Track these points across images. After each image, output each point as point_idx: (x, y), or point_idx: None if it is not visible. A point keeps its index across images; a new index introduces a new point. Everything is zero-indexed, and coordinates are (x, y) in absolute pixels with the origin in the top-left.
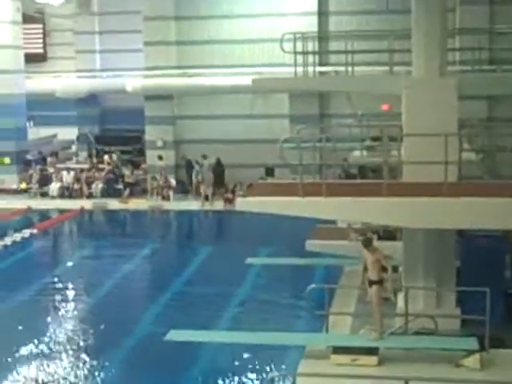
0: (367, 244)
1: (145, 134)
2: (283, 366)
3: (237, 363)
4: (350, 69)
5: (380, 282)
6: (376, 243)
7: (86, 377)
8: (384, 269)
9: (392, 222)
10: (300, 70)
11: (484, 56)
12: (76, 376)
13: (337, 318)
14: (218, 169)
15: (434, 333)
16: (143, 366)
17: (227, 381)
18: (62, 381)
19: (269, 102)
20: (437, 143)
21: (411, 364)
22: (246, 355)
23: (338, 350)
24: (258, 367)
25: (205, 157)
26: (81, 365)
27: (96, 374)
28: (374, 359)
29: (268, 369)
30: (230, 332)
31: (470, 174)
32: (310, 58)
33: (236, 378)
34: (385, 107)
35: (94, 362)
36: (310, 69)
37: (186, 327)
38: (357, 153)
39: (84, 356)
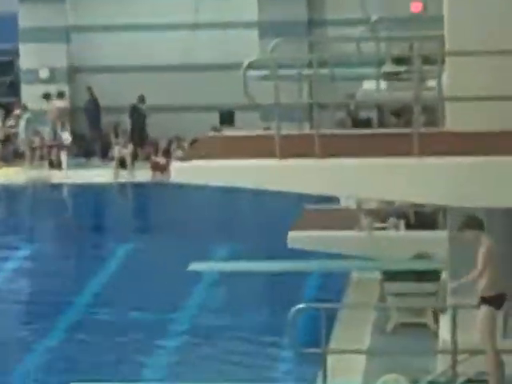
0: (473, 225)
1: (19, 58)
2: None
3: None
4: None
5: (492, 300)
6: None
7: None
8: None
9: (429, 199)
10: None
11: None
12: None
13: (341, 359)
14: (137, 116)
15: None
16: None
17: None
18: None
19: (224, 1)
20: (501, 67)
21: None
22: None
23: None
24: None
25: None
26: None
27: None
28: None
29: None
30: None
31: None
32: None
33: None
34: (415, 8)
35: None
36: None
37: (91, 380)
38: (370, 84)
39: None
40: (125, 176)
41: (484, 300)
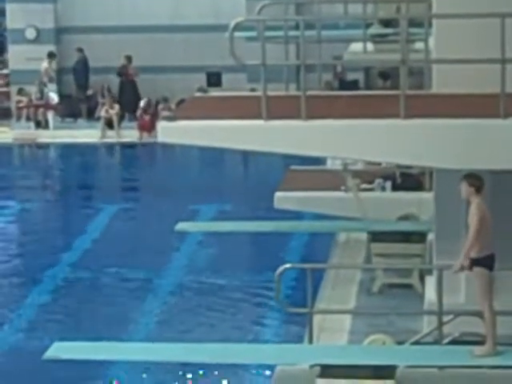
0: (471, 181)
1: (5, 19)
2: None
3: None
4: None
5: (484, 262)
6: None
7: None
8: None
9: (415, 161)
10: None
11: None
12: None
13: (327, 319)
14: (125, 77)
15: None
16: None
17: None
18: None
19: None
20: (487, 30)
21: None
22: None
23: (331, 372)
24: None
25: None
26: None
27: None
28: None
29: None
30: (147, 345)
31: None
32: None
33: None
34: None
35: None
36: None
37: (77, 338)
38: (357, 46)
39: None
40: (111, 136)
41: (476, 261)
